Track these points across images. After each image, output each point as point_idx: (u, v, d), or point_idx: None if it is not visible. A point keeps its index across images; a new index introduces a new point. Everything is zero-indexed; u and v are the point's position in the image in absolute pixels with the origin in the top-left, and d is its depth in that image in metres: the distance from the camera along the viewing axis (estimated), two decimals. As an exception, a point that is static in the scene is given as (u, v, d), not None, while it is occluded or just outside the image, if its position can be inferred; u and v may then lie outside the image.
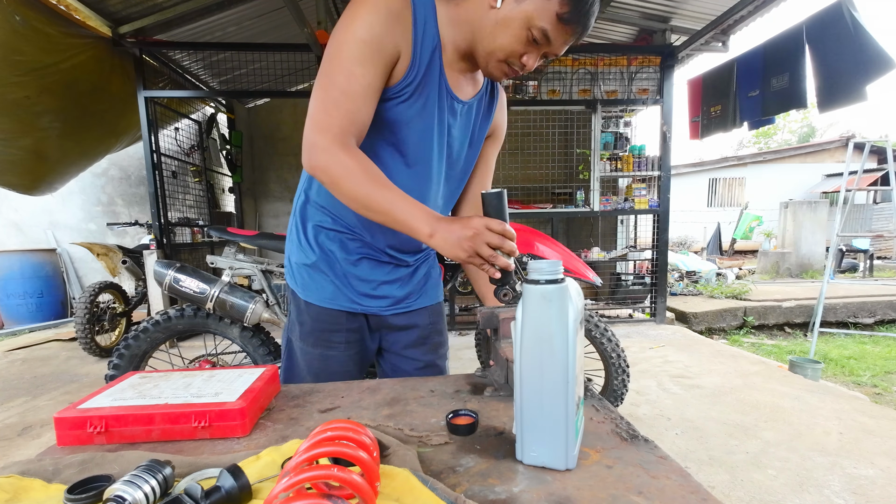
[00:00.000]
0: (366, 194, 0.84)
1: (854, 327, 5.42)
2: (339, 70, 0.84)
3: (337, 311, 1.08)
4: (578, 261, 2.49)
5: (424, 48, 0.90)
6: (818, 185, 14.16)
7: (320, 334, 1.09)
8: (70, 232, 6.04)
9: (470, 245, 0.81)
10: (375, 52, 0.84)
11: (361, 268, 1.08)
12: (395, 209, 0.84)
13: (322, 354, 1.10)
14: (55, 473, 0.58)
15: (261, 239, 2.24)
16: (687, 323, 5.20)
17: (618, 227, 6.27)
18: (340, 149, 0.84)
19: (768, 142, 26.33)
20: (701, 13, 4.44)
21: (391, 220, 0.85)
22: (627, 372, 2.28)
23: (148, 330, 2.06)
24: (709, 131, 4.71)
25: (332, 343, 1.10)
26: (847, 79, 3.28)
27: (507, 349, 0.86)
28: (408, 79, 0.90)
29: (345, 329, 1.10)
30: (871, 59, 3.12)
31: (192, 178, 5.73)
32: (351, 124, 0.86)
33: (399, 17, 0.85)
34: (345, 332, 1.10)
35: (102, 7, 3.77)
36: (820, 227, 8.92)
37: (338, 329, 1.10)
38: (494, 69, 0.92)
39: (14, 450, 2.35)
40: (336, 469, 0.42)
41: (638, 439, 0.64)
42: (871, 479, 1.94)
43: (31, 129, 3.63)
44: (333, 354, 1.10)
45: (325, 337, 1.09)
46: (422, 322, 1.19)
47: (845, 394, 2.96)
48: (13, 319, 5.39)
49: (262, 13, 4.84)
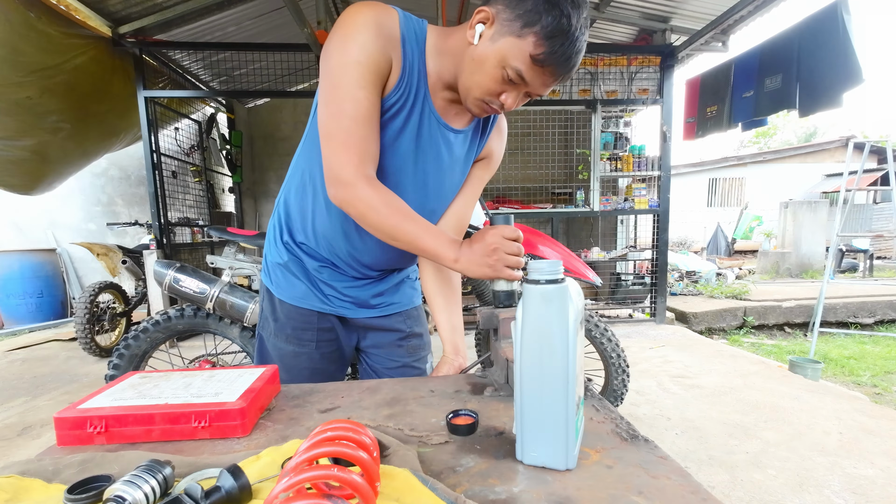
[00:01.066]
0: (392, 226, 0.87)
1: (854, 327, 5.42)
2: (345, 97, 0.84)
3: (308, 310, 1.10)
4: (578, 261, 2.49)
5: (412, 66, 0.89)
6: (818, 185, 14.16)
7: (292, 332, 1.11)
8: (70, 232, 6.04)
9: (495, 261, 0.85)
10: (373, 73, 0.85)
11: (324, 274, 1.10)
12: (420, 240, 0.87)
13: (294, 351, 1.12)
14: (55, 473, 0.58)
15: (260, 239, 2.24)
16: (687, 323, 5.20)
17: (618, 227, 6.27)
18: (365, 184, 0.86)
19: (769, 142, 26.35)
20: (701, 13, 4.44)
21: (417, 249, 0.89)
22: (627, 372, 2.28)
23: (148, 330, 2.06)
24: (704, 132, 4.72)
25: (303, 341, 1.12)
26: (826, 84, 3.32)
27: (507, 349, 0.86)
28: (397, 91, 0.89)
29: (315, 328, 1.11)
30: (849, 67, 3.15)
31: (191, 178, 5.73)
32: (367, 152, 0.87)
33: (388, 30, 0.85)
34: (315, 331, 1.12)
35: (102, 7, 3.78)
36: (820, 227, 8.92)
37: (308, 328, 1.11)
38: (472, 105, 0.90)
39: (14, 450, 2.35)
40: (336, 469, 0.42)
41: (638, 439, 0.64)
42: (870, 478, 1.95)
43: (33, 129, 3.64)
44: (305, 352, 1.12)
45: (296, 335, 1.11)
46: (398, 325, 1.19)
47: (845, 394, 2.96)
48: (13, 319, 5.39)
49: (261, 13, 4.84)
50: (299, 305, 1.10)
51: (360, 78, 0.84)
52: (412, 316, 1.23)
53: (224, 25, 4.87)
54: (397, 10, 0.88)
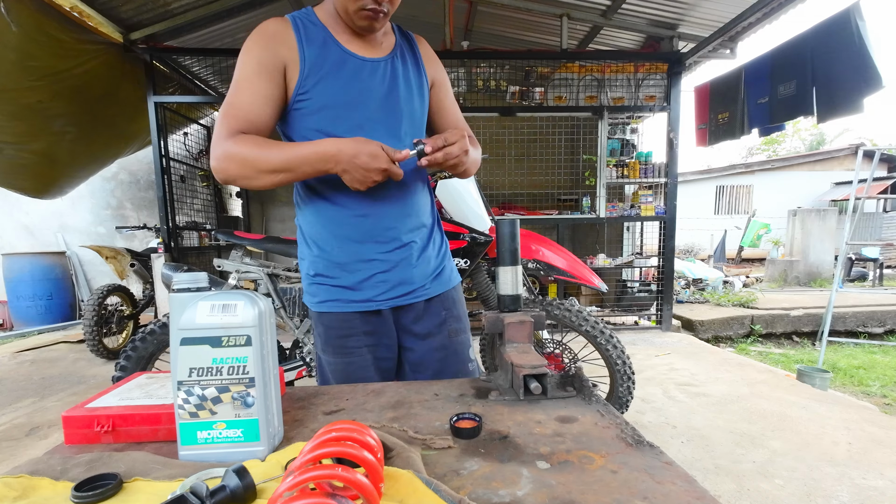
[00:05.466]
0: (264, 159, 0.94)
1: (863, 337, 5.35)
2: (231, 91, 0.99)
3: (346, 314, 1.10)
4: (584, 267, 2.49)
5: (311, 45, 1.02)
6: (827, 193, 14.04)
7: (336, 342, 1.12)
8: (79, 235, 6.11)
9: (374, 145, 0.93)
10: (261, 68, 0.98)
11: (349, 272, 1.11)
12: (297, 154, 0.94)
13: (344, 363, 1.12)
14: (63, 472, 0.58)
15: (267, 243, 2.26)
16: (693, 331, 5.16)
17: (624, 233, 6.24)
18: (225, 140, 0.95)
19: (777, 149, 26.19)
20: (709, 20, 4.44)
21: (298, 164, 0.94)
22: (633, 379, 2.26)
23: (155, 332, 2.07)
24: (716, 138, 4.69)
25: (349, 350, 1.12)
26: (846, 90, 3.28)
27: (513, 354, 0.86)
28: (302, 76, 1.01)
29: (360, 332, 1.11)
30: (867, 72, 3.13)
31: (200, 182, 5.78)
32: (237, 123, 0.97)
33: (276, 35, 1.00)
34: (360, 336, 1.12)
35: (115, 14, 3.83)
36: (829, 235, 8.84)
37: (352, 333, 1.11)
38: (356, 18, 1.00)
39: (22, 450, 2.37)
40: (340, 469, 0.43)
41: (643, 445, 0.63)
42: (880, 489, 1.92)
43: (44, 133, 3.69)
44: (354, 361, 1.12)
45: (341, 344, 1.12)
46: (434, 310, 1.19)
47: (854, 403, 2.93)
48: (23, 321, 5.44)
49: (271, 20, 4.89)
50: (337, 311, 1.11)
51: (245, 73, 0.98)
52: (450, 298, 1.22)
53: (234, 31, 4.92)
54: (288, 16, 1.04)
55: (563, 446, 0.64)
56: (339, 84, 1.03)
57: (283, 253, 2.24)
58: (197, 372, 0.61)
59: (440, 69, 1.22)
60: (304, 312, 2.30)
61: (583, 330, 2.21)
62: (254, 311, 0.62)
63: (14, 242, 5.94)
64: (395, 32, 1.16)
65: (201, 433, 0.62)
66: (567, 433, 0.68)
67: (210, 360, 0.61)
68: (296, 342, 2.36)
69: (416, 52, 1.17)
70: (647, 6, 4.43)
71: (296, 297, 2.30)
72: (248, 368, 0.62)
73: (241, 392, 0.62)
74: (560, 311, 2.19)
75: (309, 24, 1.04)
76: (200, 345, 0.61)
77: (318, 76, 1.02)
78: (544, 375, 0.81)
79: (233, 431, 0.62)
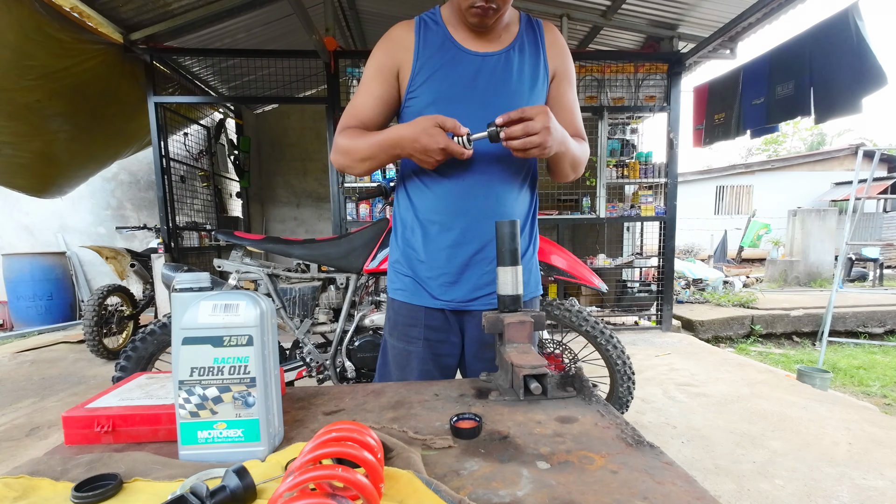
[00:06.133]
0: (357, 148, 1.06)
1: (863, 337, 5.35)
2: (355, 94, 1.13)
3: (414, 305, 1.16)
4: (584, 267, 2.48)
5: (427, 46, 1.08)
6: (827, 193, 14.05)
7: (402, 329, 1.18)
8: (80, 235, 6.11)
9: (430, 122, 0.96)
10: (378, 72, 1.10)
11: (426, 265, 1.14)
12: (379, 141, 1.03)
13: (404, 349, 1.17)
14: (63, 472, 0.58)
15: (267, 243, 2.25)
16: (693, 331, 5.16)
17: (624, 233, 6.24)
18: (337, 135, 1.10)
19: (777, 149, 26.18)
20: (709, 20, 4.44)
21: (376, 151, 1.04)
22: (633, 379, 2.26)
23: (155, 332, 2.07)
24: (712, 139, 4.70)
25: (410, 338, 1.16)
26: (845, 90, 3.28)
27: (513, 354, 0.86)
28: (413, 75, 1.08)
29: (422, 325, 1.15)
30: (868, 71, 3.12)
31: (200, 182, 5.78)
32: (349, 120, 1.11)
33: (395, 39, 1.10)
34: (422, 328, 1.15)
35: (115, 14, 3.83)
36: (829, 235, 8.84)
37: (416, 324, 1.16)
38: (468, 15, 1.03)
39: (22, 450, 2.37)
40: (340, 469, 0.43)
41: (643, 445, 0.63)
42: (880, 490, 1.92)
43: (41, 132, 3.68)
44: (413, 350, 1.16)
45: (405, 331, 1.17)
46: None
47: (854, 404, 2.93)
48: (23, 321, 5.44)
49: (271, 20, 4.89)
50: (407, 301, 1.17)
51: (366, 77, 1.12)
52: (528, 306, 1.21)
53: (234, 32, 4.92)
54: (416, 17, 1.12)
55: (563, 446, 0.64)
56: (444, 81, 1.07)
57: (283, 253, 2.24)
58: (198, 371, 0.61)
59: (565, 60, 1.17)
60: (304, 312, 2.30)
61: (583, 330, 2.21)
62: (256, 312, 0.62)
63: (14, 243, 5.94)
64: (521, 22, 1.14)
65: (202, 433, 0.62)
66: (567, 433, 0.68)
67: (211, 359, 0.61)
68: (296, 342, 2.36)
69: (540, 42, 1.13)
70: (647, 6, 4.44)
71: (296, 297, 2.30)
72: (249, 368, 0.62)
73: (242, 392, 0.62)
74: (560, 312, 2.20)
75: (431, 24, 1.10)
76: (202, 344, 0.61)
77: (427, 75, 1.07)
78: (544, 376, 0.81)
79: (233, 431, 0.62)
